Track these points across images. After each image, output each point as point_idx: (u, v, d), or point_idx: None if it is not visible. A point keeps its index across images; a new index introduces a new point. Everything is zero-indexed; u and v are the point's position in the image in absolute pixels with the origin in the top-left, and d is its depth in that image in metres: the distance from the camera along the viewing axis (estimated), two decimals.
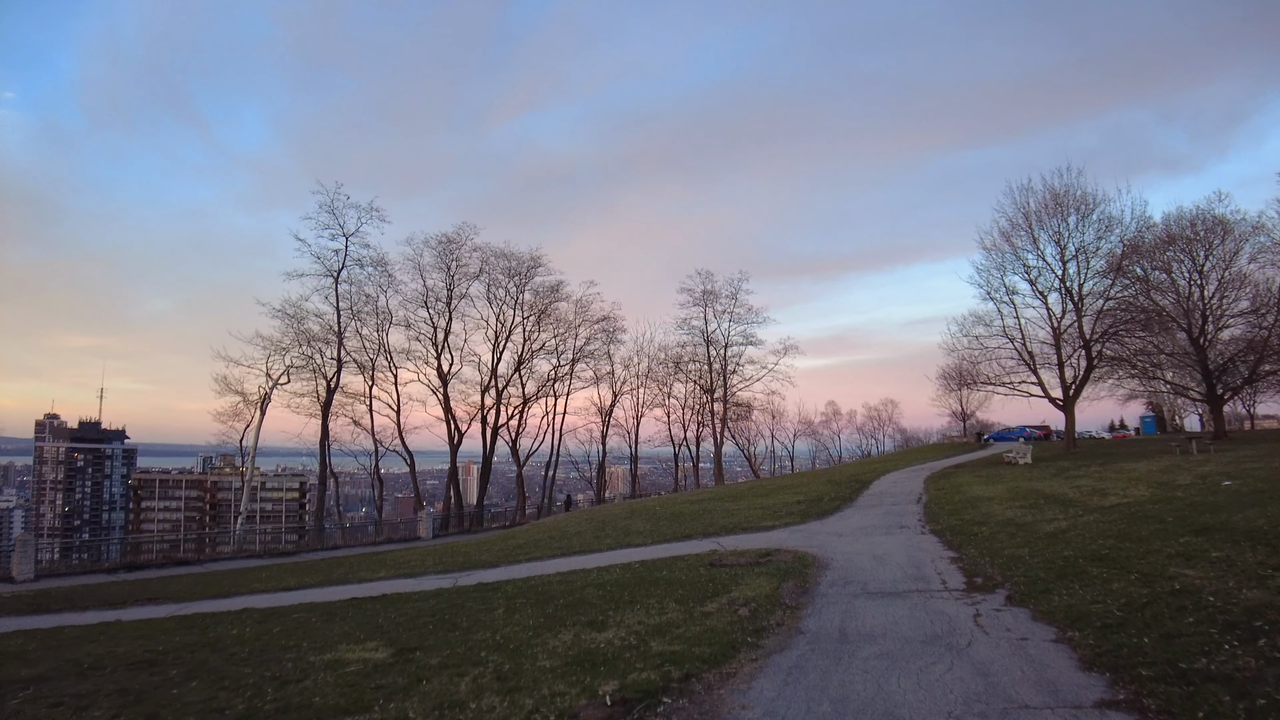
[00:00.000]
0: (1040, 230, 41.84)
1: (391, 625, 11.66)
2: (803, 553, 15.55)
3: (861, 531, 18.93)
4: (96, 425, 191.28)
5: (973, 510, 20.57)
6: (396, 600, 14.75)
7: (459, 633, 10.47)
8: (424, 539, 37.96)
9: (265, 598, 17.59)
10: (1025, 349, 43.34)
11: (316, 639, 10.92)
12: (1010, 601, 9.51)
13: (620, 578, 14.40)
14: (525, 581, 15.63)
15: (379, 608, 13.81)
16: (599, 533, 24.54)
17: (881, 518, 21.49)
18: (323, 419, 42.44)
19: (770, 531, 20.57)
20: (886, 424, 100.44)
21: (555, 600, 12.42)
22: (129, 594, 20.34)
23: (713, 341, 62.28)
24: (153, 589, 21.45)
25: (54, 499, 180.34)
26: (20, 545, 26.36)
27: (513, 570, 18.52)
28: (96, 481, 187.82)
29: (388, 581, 18.86)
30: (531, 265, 52.89)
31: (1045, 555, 12.20)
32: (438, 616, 12.09)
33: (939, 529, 18.02)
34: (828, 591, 11.24)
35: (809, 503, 26.42)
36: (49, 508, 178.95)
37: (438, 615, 12.24)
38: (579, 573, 16.05)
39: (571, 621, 10.27)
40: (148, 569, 28.74)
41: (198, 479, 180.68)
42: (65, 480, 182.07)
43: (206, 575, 25.13)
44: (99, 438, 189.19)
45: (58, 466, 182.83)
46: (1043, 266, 42.13)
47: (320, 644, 10.45)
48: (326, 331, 42.61)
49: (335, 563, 26.10)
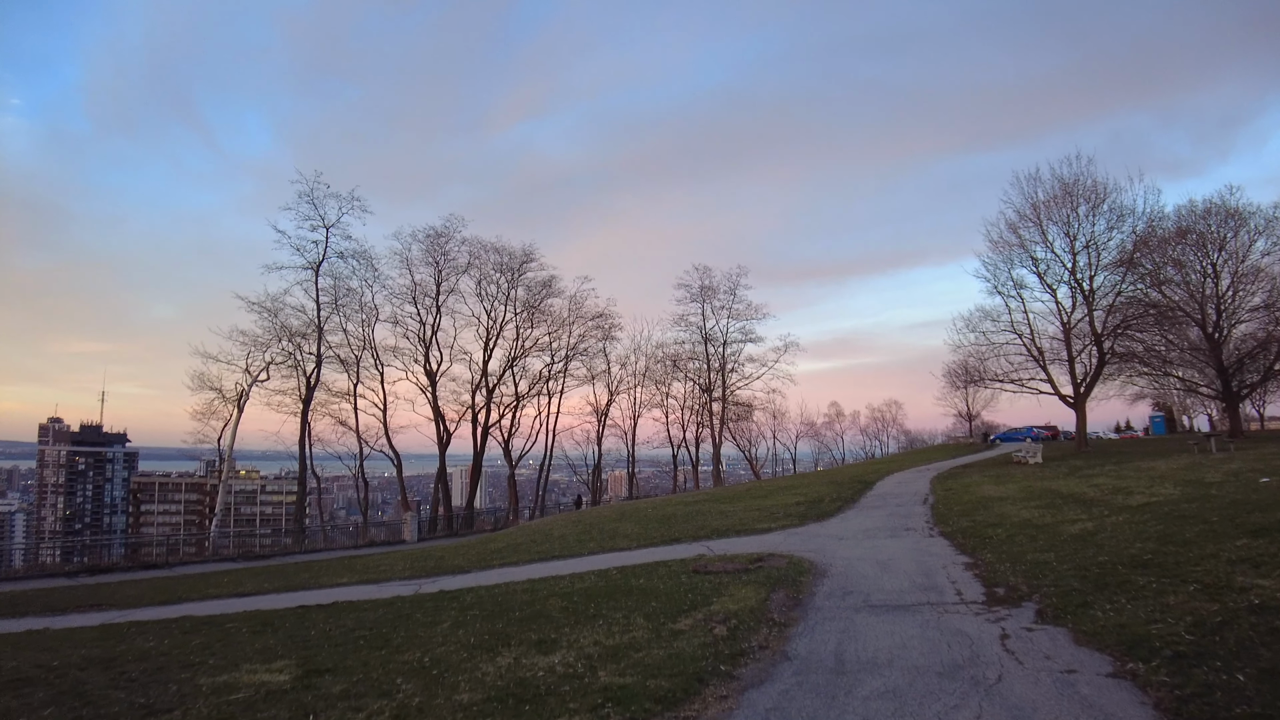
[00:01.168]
0: (1049, 222, 40.05)
1: (321, 639, 10.16)
2: (798, 558, 13.94)
3: (864, 534, 17.31)
4: (98, 429, 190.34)
5: (985, 511, 18.93)
6: (345, 609, 13.25)
7: (387, 651, 8.90)
8: (408, 542, 36.47)
9: (212, 604, 16.22)
10: (1034, 344, 41.61)
11: (228, 655, 9.52)
12: (1042, 618, 7.87)
13: (592, 586, 12.82)
14: (490, 589, 14.07)
15: (321, 618, 12.35)
16: (583, 536, 22.96)
17: (886, 519, 19.86)
18: (302, 418, 40.64)
19: (765, 535, 18.97)
20: (890, 425, 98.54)
21: (512, 612, 10.84)
22: (75, 600, 19.04)
23: (711, 339, 60.42)
24: (103, 595, 20.05)
25: (55, 502, 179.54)
26: None
27: (482, 576, 16.99)
28: (98, 485, 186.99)
29: (348, 588, 17.44)
30: (524, 260, 51.36)
31: (1076, 560, 10.55)
32: (376, 630, 10.54)
33: (949, 531, 16.38)
34: (824, 604, 9.61)
35: (808, 504, 24.79)
36: (50, 511, 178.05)
37: (377, 628, 10.69)
38: (550, 580, 14.50)
39: (519, 640, 8.68)
40: (113, 572, 27.32)
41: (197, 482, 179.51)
42: (67, 483, 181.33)
43: (167, 580, 23.60)
44: (100, 441, 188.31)
45: (59, 470, 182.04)
46: (1052, 259, 40.40)
47: (227, 662, 9.04)
48: (307, 326, 40.99)
49: (304, 567, 24.54)
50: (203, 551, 35.90)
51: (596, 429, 61.08)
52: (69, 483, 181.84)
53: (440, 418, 47.87)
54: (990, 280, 42.41)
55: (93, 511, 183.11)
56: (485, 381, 50.23)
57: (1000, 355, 43.44)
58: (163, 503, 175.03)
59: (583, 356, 56.43)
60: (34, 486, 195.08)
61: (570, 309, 55.08)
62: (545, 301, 53.13)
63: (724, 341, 60.06)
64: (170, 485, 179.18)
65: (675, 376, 63.09)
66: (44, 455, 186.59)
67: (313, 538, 41.46)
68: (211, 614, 14.29)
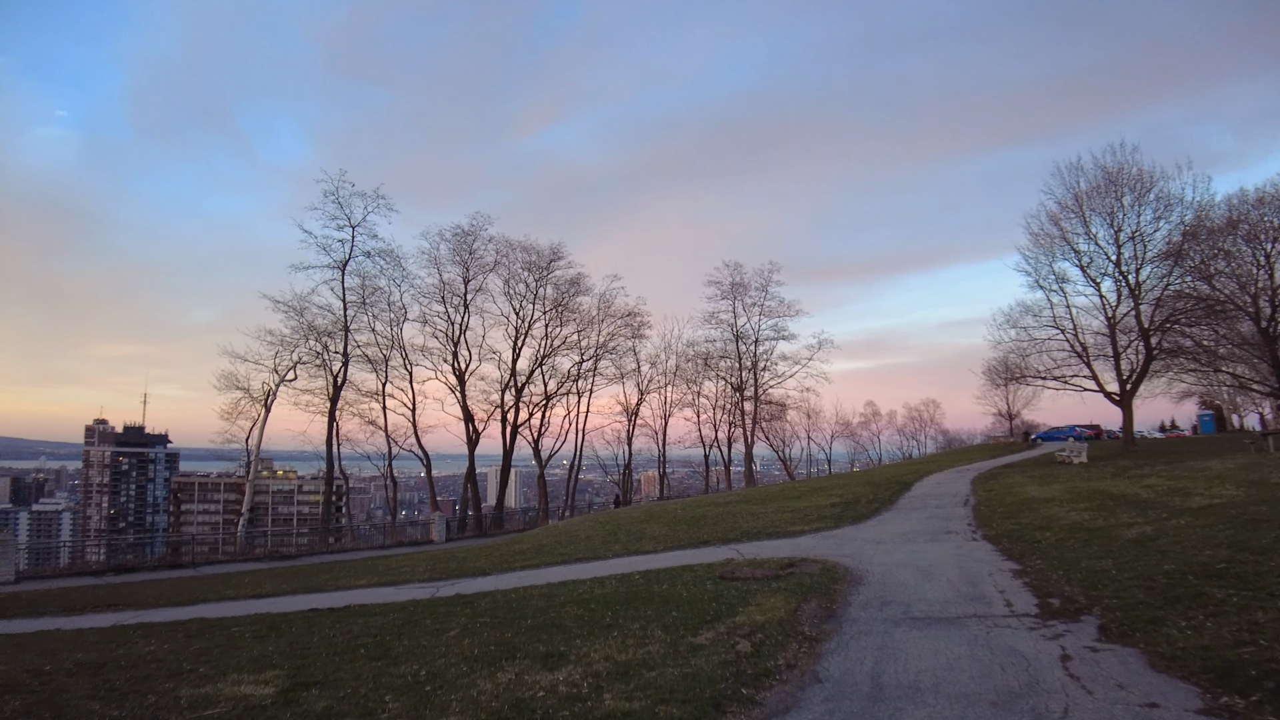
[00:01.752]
0: (1092, 212, 38.41)
1: (322, 647, 9.62)
2: (832, 563, 13.11)
3: (903, 538, 16.39)
4: (140, 430, 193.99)
5: (1030, 513, 17.89)
6: (355, 614, 12.76)
7: (385, 662, 8.29)
8: (436, 543, 36.16)
9: (226, 606, 15.87)
10: (1078, 340, 40.00)
11: (222, 663, 9.05)
12: (1107, 635, 6.98)
13: (612, 592, 12.12)
14: (506, 594, 13.46)
15: (328, 623, 11.86)
16: (609, 538, 22.29)
17: (925, 522, 18.89)
18: (330, 417, 40.46)
19: (798, 538, 18.13)
20: (928, 425, 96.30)
21: (524, 620, 10.18)
22: (96, 600, 18.84)
23: (742, 337, 58.98)
24: (124, 595, 19.87)
25: (100, 501, 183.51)
26: (0, 546, 24.90)
27: (502, 579, 16.42)
28: (140, 485, 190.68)
29: (365, 590, 17.02)
30: (551, 258, 50.82)
31: (1138, 569, 9.60)
32: (380, 637, 9.96)
33: (993, 534, 15.41)
34: (859, 615, 8.79)
35: (844, 505, 23.87)
36: (95, 510, 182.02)
37: (382, 635, 10.11)
38: (570, 585, 13.85)
39: (526, 652, 8.01)
40: (139, 571, 27.26)
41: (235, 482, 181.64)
42: (111, 483, 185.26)
43: (191, 580, 23.38)
44: (143, 442, 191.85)
45: (103, 470, 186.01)
46: (1095, 251, 38.73)
47: (217, 671, 8.57)
48: (333, 325, 40.82)
49: (327, 568, 24.18)
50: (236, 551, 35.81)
51: (627, 429, 60.25)
52: (113, 482, 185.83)
53: (469, 417, 47.56)
54: (1031, 274, 40.89)
55: (136, 510, 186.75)
56: (514, 381, 49.80)
57: (1042, 351, 41.90)
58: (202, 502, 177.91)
59: (612, 355, 55.74)
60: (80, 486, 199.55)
61: (599, 307, 54.61)
62: (574, 300, 52.72)
63: (755, 339, 58.88)
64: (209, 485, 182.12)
65: (706, 375, 61.89)
66: (89, 456, 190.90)
67: (342, 538, 41.37)
68: (223, 616, 13.93)
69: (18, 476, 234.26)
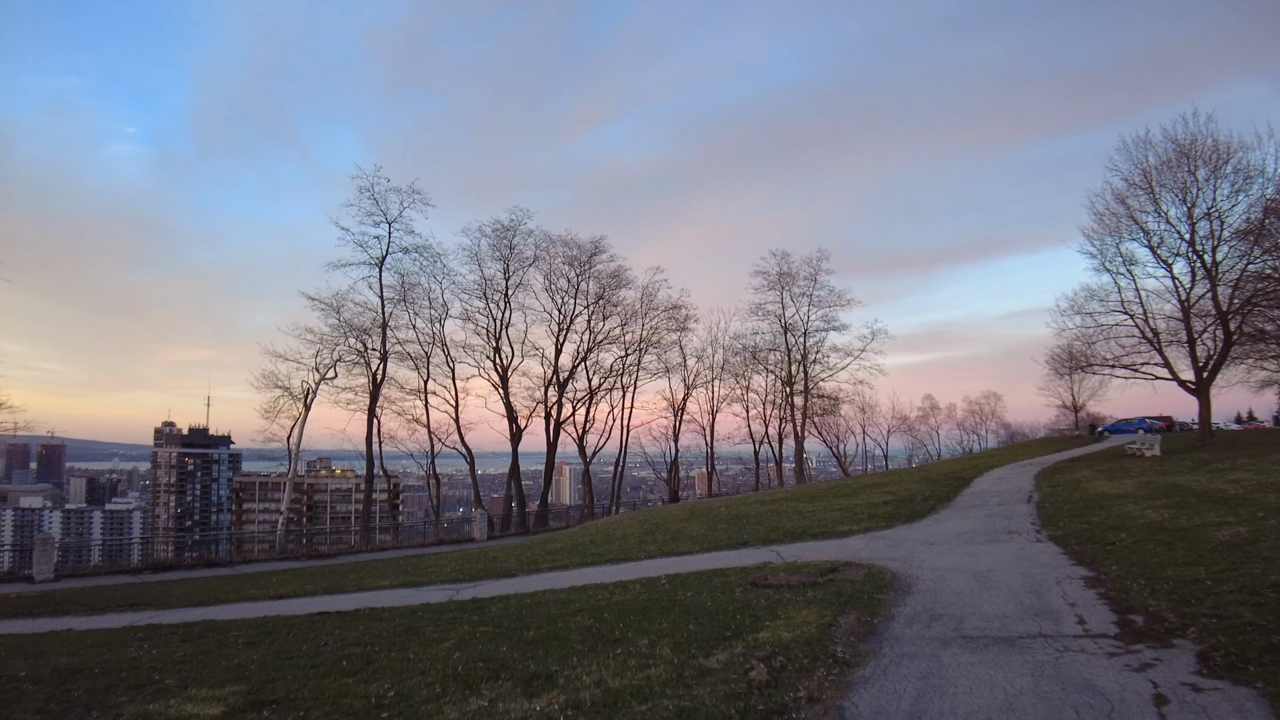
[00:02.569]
0: (1162, 188, 35.75)
1: (305, 656, 9.00)
2: (879, 568, 11.86)
3: (959, 539, 15.00)
4: (204, 432, 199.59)
5: (1101, 511, 16.29)
6: (362, 618, 12.07)
7: (358, 678, 7.43)
8: (477, 541, 35.56)
9: (241, 608, 15.42)
10: (1148, 325, 37.40)
11: (193, 673, 8.47)
12: (1210, 668, 5.63)
13: (632, 599, 11.09)
14: (521, 599, 12.56)
15: (329, 628, 11.20)
16: (645, 538, 21.29)
17: (984, 521, 17.41)
18: (369, 414, 39.94)
19: (845, 539, 16.85)
20: (989, 419, 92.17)
21: (526, 631, 9.21)
22: (120, 599, 18.62)
23: (791, 329, 56.58)
24: (149, 594, 19.60)
25: (168, 501, 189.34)
26: (40, 545, 24.99)
27: (526, 582, 15.58)
28: (205, 485, 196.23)
29: (385, 592, 16.41)
30: (592, 252, 49.72)
31: (1238, 579, 8.17)
32: (370, 647, 9.14)
33: (1060, 535, 13.93)
34: (904, 633, 7.57)
35: (897, 503, 22.44)
36: (163, 509, 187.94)
37: (373, 645, 9.30)
38: (591, 589, 12.87)
39: (514, 671, 7.01)
40: (176, 570, 27.13)
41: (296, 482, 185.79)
42: (178, 483, 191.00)
43: (221, 580, 23.03)
44: (207, 444, 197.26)
45: (170, 471, 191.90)
46: (1166, 230, 36.08)
47: (181, 683, 7.97)
48: (372, 323, 40.45)
49: (359, 568, 23.62)
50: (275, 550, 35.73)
51: (673, 424, 58.86)
52: (179, 482, 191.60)
53: (512, 414, 46.93)
54: (1097, 256, 38.37)
55: (201, 509, 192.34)
56: (557, 376, 49.05)
57: (1110, 338, 39.35)
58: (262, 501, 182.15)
59: (656, 349, 54.36)
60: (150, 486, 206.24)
61: (642, 301, 53.26)
62: (616, 293, 51.48)
63: (805, 331, 56.42)
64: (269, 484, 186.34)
65: (755, 369, 59.93)
66: (156, 457, 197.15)
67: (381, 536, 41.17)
68: (231, 619, 13.42)
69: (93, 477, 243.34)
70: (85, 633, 13.08)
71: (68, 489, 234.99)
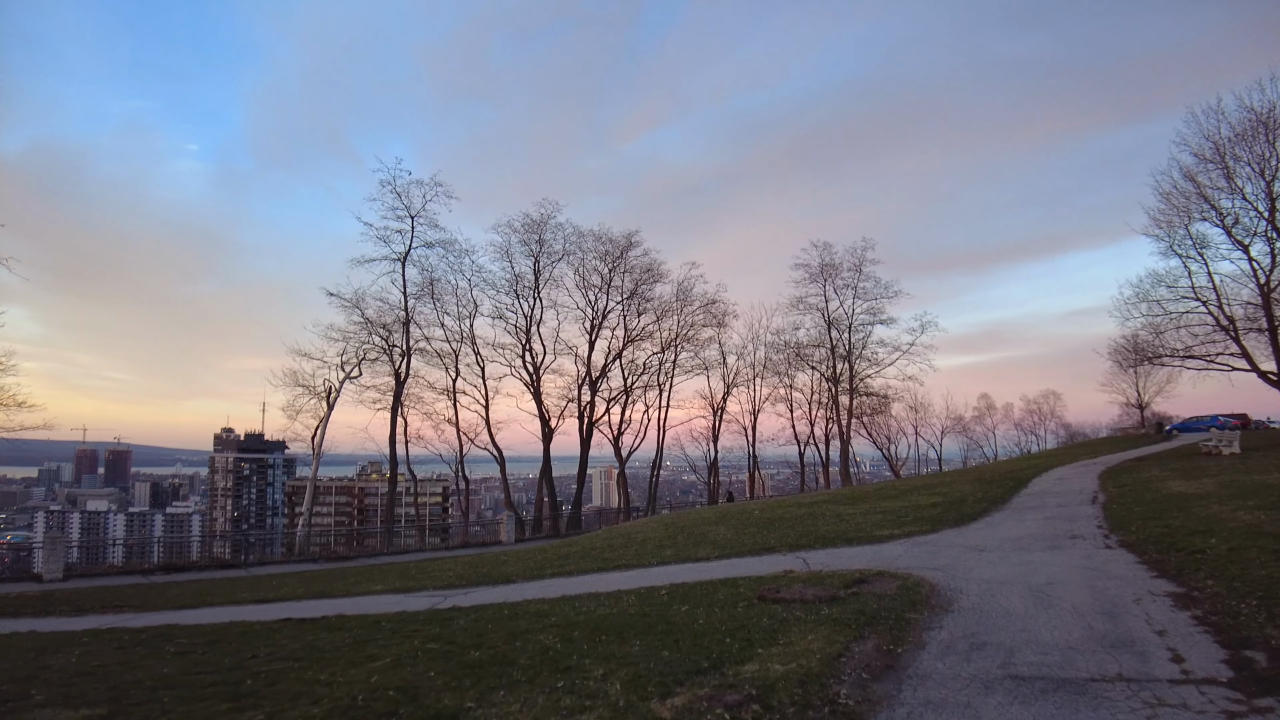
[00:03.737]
0: (1236, 163, 32.73)
1: (215, 672, 7.61)
2: (916, 579, 10.00)
3: (1013, 545, 12.99)
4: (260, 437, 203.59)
5: (1181, 513, 14.07)
6: (320, 627, 10.98)
7: (231, 706, 6.23)
8: (504, 544, 34.28)
9: (219, 611, 14.41)
10: (1222, 313, 34.32)
11: (72, 691, 7.32)
12: None
13: (617, 613, 9.46)
14: (499, 609, 11.15)
15: (280, 637, 10.27)
16: (666, 541, 19.61)
17: (1043, 524, 15.31)
18: (392, 413, 38.72)
19: (882, 544, 14.94)
20: (1047, 418, 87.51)
21: (478, 649, 7.78)
22: (110, 600, 17.92)
23: (835, 323, 53.53)
24: (142, 596, 18.97)
25: (225, 504, 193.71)
26: (48, 544, 24.46)
27: (521, 589, 14.16)
28: (260, 489, 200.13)
29: (373, 598, 15.17)
30: (625, 246, 47.82)
31: None
32: (295, 663, 8.04)
33: (1134, 541, 11.84)
34: (934, 668, 5.76)
35: (946, 505, 20.36)
36: (220, 512, 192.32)
37: (301, 660, 8.14)
38: (582, 599, 11.37)
39: (418, 707, 5.61)
40: (187, 571, 26.35)
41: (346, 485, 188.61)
42: (234, 487, 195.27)
43: (224, 582, 22.03)
44: (262, 449, 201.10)
45: (227, 475, 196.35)
46: (1241, 208, 32.98)
47: (48, 700, 6.87)
48: (395, 320, 39.08)
49: (363, 571, 22.40)
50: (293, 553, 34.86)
51: (712, 424, 56.62)
52: (235, 486, 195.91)
53: (544, 414, 45.45)
54: (1164, 238, 35.42)
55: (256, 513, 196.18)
56: (590, 375, 47.44)
57: (1180, 327, 36.29)
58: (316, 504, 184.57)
59: (692, 345, 52.16)
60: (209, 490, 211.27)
61: (677, 297, 51.14)
62: (650, 289, 49.59)
63: (849, 325, 53.40)
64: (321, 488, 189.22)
65: (798, 367, 57.14)
66: (214, 462, 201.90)
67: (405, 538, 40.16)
68: (195, 623, 12.30)
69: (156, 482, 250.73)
70: (26, 635, 12.20)
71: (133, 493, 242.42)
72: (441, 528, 68.98)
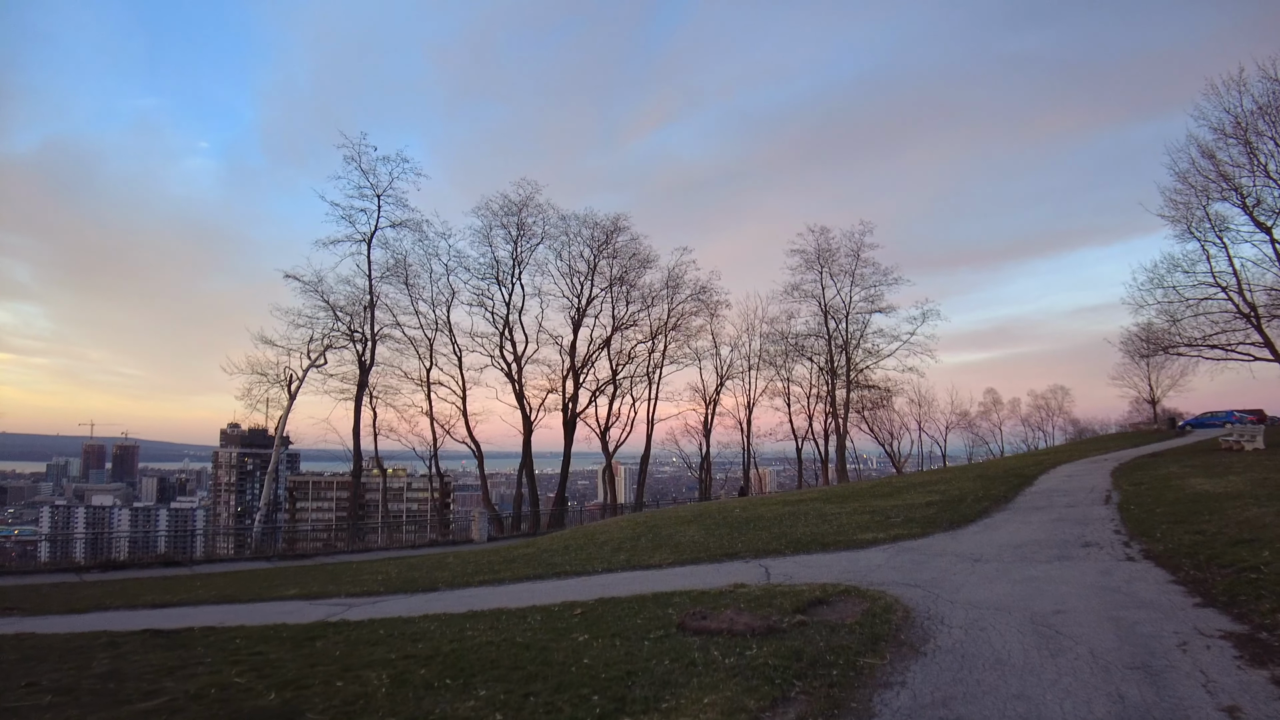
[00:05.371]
0: (1259, 138, 30.32)
1: None
2: (888, 601, 7.89)
3: (1015, 554, 10.82)
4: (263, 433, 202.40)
5: (1214, 516, 11.88)
6: (158, 644, 8.50)
7: None
8: (476, 542, 32.22)
9: (91, 618, 12.15)
10: (1243, 299, 31.97)
11: None
12: None
13: (505, 640, 7.46)
14: (379, 627, 9.13)
15: (100, 652, 7.64)
16: (626, 544, 17.54)
17: (1050, 528, 13.13)
18: (356, 404, 36.29)
19: (863, 550, 12.79)
20: (1056, 414, 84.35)
21: (292, 688, 5.72)
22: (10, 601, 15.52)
23: (832, 311, 50.48)
24: (40, 598, 16.57)
25: (228, 499, 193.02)
26: None
27: (437, 599, 12.39)
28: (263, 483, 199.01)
29: (277, 604, 13.29)
30: (611, 230, 45.44)
31: None
32: None
33: (1162, 551, 9.66)
34: None
35: (942, 505, 18.13)
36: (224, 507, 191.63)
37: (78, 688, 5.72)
38: (488, 615, 9.53)
39: None
40: (127, 569, 24.32)
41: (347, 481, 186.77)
42: (237, 483, 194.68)
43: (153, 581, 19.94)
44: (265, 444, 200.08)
45: (230, 470, 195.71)
46: (1264, 187, 30.59)
47: None
48: (357, 304, 36.59)
49: (300, 572, 20.26)
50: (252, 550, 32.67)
51: (704, 417, 54.04)
52: (238, 482, 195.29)
53: (525, 405, 43.21)
54: (1181, 220, 33.00)
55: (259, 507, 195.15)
56: (574, 365, 45.24)
57: (1198, 314, 33.93)
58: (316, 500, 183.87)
59: (682, 335, 49.79)
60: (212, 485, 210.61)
61: (667, 284, 48.56)
62: (638, 275, 47.24)
63: (847, 314, 50.58)
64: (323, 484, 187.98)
65: (795, 359, 54.40)
66: (218, 457, 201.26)
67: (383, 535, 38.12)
68: (54, 631, 10.34)
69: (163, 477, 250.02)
70: None
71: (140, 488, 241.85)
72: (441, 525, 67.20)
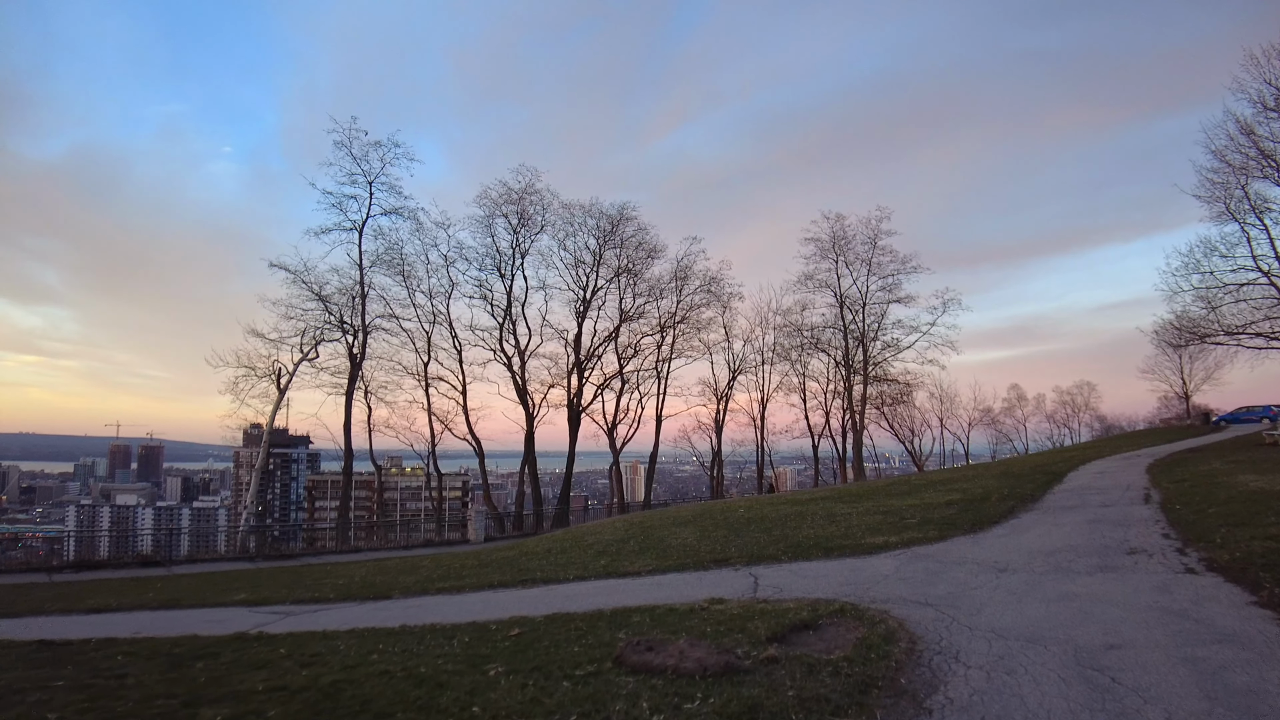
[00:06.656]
0: None
1: None
2: (890, 627, 6.32)
3: (1047, 562, 9.15)
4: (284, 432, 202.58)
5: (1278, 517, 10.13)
6: (44, 658, 7.03)
7: None
8: (471, 543, 30.86)
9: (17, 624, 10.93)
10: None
11: None
12: None
13: (406, 673, 6.03)
14: (283, 646, 7.68)
15: None
16: (612, 547, 16.03)
17: (1087, 530, 11.41)
18: (347, 398, 34.79)
19: (870, 557, 11.14)
20: (1082, 410, 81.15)
21: None
22: None
23: (848, 302, 47.82)
24: None
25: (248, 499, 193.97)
26: None
27: (382, 609, 11.16)
28: (284, 483, 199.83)
29: (219, 610, 12.34)
30: (617, 219, 43.58)
31: None
32: None
33: (1230, 561, 7.97)
34: None
35: (964, 505, 16.37)
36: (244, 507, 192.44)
37: None
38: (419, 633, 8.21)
39: None
40: (103, 569, 23.27)
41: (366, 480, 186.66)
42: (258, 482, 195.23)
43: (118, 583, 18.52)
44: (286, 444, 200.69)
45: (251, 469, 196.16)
46: None
47: None
48: (347, 294, 35.12)
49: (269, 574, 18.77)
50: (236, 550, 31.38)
51: (715, 412, 52.07)
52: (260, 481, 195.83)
53: (527, 400, 41.69)
54: (1220, 200, 30.91)
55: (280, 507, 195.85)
56: (579, 357, 43.72)
57: (1240, 300, 31.81)
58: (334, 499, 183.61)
59: (692, 328, 47.70)
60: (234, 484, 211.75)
61: (676, 274, 46.58)
62: (645, 266, 45.42)
63: (864, 304, 47.89)
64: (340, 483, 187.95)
65: (810, 352, 51.57)
66: (239, 457, 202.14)
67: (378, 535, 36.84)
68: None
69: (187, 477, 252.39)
70: None
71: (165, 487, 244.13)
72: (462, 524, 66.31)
